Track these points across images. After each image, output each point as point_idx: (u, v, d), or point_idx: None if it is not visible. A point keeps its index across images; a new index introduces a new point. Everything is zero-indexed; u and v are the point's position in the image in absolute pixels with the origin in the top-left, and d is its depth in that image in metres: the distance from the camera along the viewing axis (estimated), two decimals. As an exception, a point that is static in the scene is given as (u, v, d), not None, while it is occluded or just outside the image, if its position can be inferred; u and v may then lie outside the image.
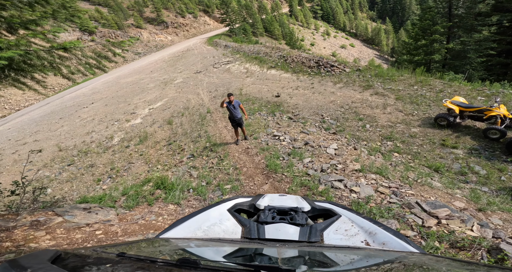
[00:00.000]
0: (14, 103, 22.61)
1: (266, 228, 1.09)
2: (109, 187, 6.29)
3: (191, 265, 0.56)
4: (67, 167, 8.38)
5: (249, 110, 8.84)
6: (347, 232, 1.08)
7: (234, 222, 1.19)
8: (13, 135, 13.08)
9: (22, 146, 11.26)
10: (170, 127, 9.39)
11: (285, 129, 6.69)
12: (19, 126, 14.53)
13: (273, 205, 1.32)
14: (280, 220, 1.14)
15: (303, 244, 0.98)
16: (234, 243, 0.98)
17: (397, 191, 3.30)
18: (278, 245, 0.94)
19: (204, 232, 1.13)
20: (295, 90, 10.23)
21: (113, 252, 0.70)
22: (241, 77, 14.25)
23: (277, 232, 1.05)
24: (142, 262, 0.60)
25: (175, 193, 4.04)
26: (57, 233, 2.31)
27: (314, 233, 1.05)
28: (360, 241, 1.03)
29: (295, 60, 13.80)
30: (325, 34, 62.46)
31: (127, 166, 7.46)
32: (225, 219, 1.21)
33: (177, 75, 18.96)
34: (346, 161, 4.28)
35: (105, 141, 9.86)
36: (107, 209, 3.32)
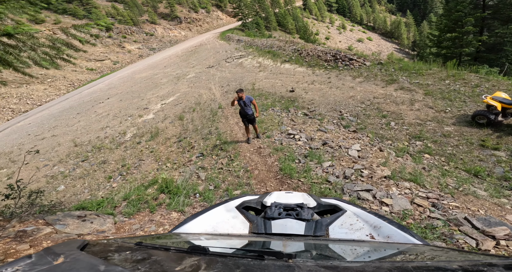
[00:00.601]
0: (36, 99, 23.59)
1: (272, 223, 1.12)
2: (119, 185, 6.18)
3: (201, 251, 0.60)
4: (81, 163, 8.44)
5: (261, 105, 8.42)
6: (352, 227, 1.10)
7: (242, 219, 1.23)
8: (32, 130, 13.53)
9: (41, 141, 11.58)
10: (181, 123, 9.19)
11: (300, 127, 6.22)
12: (39, 121, 15.04)
13: (280, 201, 1.34)
14: (287, 216, 1.16)
15: (308, 238, 1.01)
16: (242, 237, 1.02)
17: (438, 203, 2.79)
18: (284, 238, 0.98)
19: (214, 228, 1.17)
20: (310, 85, 9.65)
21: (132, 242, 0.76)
22: (253, 72, 13.79)
23: (283, 227, 1.08)
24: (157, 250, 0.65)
25: (179, 199, 3.75)
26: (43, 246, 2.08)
27: (320, 228, 1.07)
28: (365, 234, 1.04)
29: (310, 54, 13.12)
30: (341, 28, 60.22)
31: (137, 163, 7.35)
32: (233, 216, 1.25)
33: (189, 70, 18.81)
34: (372, 165, 3.78)
35: (118, 137, 9.87)
36: (104, 217, 3.08)
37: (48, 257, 0.54)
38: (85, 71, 36.19)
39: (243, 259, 0.57)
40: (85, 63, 38.64)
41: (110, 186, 6.44)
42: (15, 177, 8.64)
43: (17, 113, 20.63)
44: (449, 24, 16.35)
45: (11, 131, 14.46)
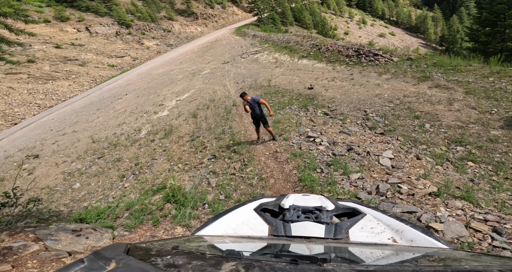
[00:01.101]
0: (61, 94, 24.71)
1: (292, 226, 1.12)
2: (130, 185, 6.06)
3: (236, 257, 0.61)
4: (97, 160, 8.50)
5: (278, 103, 7.95)
6: (373, 230, 1.07)
7: (261, 221, 1.23)
8: (55, 125, 14.06)
9: (62, 137, 11.95)
10: (194, 120, 8.97)
11: (321, 128, 5.70)
12: (61, 117, 15.63)
13: (298, 204, 1.33)
14: (305, 219, 1.15)
15: (329, 241, 1.00)
16: (263, 240, 1.03)
17: (500, 227, 2.24)
18: (305, 241, 0.98)
19: (234, 230, 1.18)
20: (331, 82, 8.99)
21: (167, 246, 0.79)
22: (269, 68, 13.26)
23: (303, 230, 1.08)
24: (194, 254, 0.67)
25: (185, 210, 3.43)
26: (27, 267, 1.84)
27: (340, 231, 1.06)
28: (387, 238, 1.01)
29: (330, 49, 12.34)
30: (361, 23, 57.63)
31: (150, 162, 7.23)
32: (252, 218, 1.26)
33: (205, 65, 18.63)
34: (410, 177, 3.23)
35: (133, 134, 9.88)
36: (102, 231, 2.84)
37: (99, 262, 0.57)
38: (107, 67, 37.46)
39: (278, 263, 0.56)
40: (106, 59, 40.01)
41: (122, 186, 6.35)
42: (35, 173, 8.93)
43: (43, 108, 21.72)
44: (489, 17, 14.79)
45: (35, 126, 15.16)
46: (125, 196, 5.43)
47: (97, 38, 44.78)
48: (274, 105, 7.78)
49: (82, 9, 44.64)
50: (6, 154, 11.26)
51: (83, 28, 45.22)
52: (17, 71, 27.25)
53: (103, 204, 5.59)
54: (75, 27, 44.40)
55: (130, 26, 47.88)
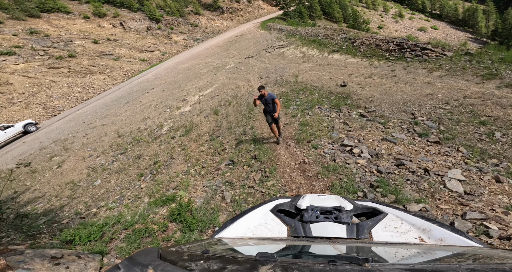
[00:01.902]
0: (96, 88, 26.24)
1: (312, 226, 1.09)
2: (147, 185, 5.82)
3: (270, 259, 0.59)
4: (120, 156, 8.54)
5: (306, 102, 7.15)
6: (397, 230, 1.03)
7: (278, 222, 1.21)
8: (87, 118, 14.76)
9: (92, 130, 12.42)
10: (215, 118, 8.55)
11: (358, 134, 4.85)
12: (93, 110, 16.43)
13: (315, 205, 1.29)
14: (324, 219, 1.12)
15: (352, 241, 0.96)
16: (283, 241, 1.00)
17: None
18: (328, 242, 0.93)
19: (252, 232, 1.17)
20: (368, 79, 7.90)
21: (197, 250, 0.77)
22: (296, 62, 12.34)
23: (324, 230, 1.05)
24: (226, 258, 0.64)
25: (191, 235, 2.92)
26: None
27: (362, 231, 1.03)
28: (414, 237, 0.96)
29: (365, 43, 11.02)
30: (397, 16, 52.92)
31: (168, 161, 6.98)
32: (269, 219, 1.24)
33: (229, 60, 18.21)
34: (495, 209, 2.33)
35: (155, 129, 9.81)
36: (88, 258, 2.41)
37: (136, 268, 0.56)
38: (138, 62, 39.13)
39: (315, 265, 0.55)
40: (138, 54, 41.79)
41: (139, 186, 6.19)
42: (64, 166, 9.26)
43: (80, 101, 23.24)
44: None
45: (70, 119, 16.14)
46: (139, 199, 5.19)
47: (130, 33, 46.93)
48: (301, 104, 7.02)
49: (117, 5, 46.89)
50: (41, 145, 12.02)
51: (117, 24, 47.67)
52: (59, 65, 29.54)
53: (117, 208, 5.44)
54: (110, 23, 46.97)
55: (160, 21, 49.35)
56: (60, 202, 6.97)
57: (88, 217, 5.49)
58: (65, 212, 6.30)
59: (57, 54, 30.91)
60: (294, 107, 6.91)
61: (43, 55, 30.36)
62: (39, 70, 27.53)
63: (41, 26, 35.92)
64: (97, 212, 5.64)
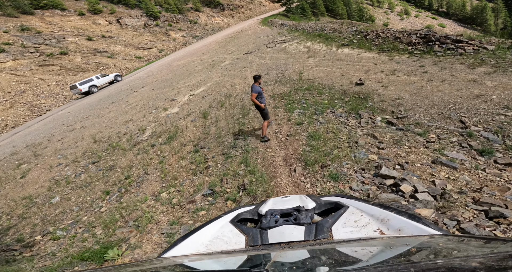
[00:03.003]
0: (87, 86, 24.84)
1: (269, 232, 1.04)
2: (109, 209, 4.44)
3: None
4: (90, 166, 7.18)
5: (314, 105, 5.71)
6: (357, 223, 0.99)
7: (237, 232, 1.13)
8: (68, 119, 13.38)
9: (69, 133, 11.04)
10: (203, 122, 7.13)
11: (394, 153, 3.41)
12: (77, 110, 15.05)
13: (276, 208, 1.23)
14: (284, 222, 1.07)
15: (309, 243, 0.93)
16: (236, 253, 0.95)
17: None
18: (282, 247, 0.91)
19: (207, 247, 1.08)
20: (390, 76, 6.43)
21: None
22: (300, 58, 10.88)
23: (281, 235, 1.00)
24: None
25: None
26: None
27: (321, 230, 0.99)
28: (373, 230, 0.93)
29: (381, 36, 9.56)
30: (403, 14, 51.40)
31: (141, 177, 5.59)
32: (227, 231, 1.16)
33: (226, 56, 16.76)
34: None
35: (136, 135, 8.41)
36: None
37: None
38: (134, 59, 37.73)
39: None
40: (134, 51, 40.39)
41: (99, 209, 4.82)
42: (28, 176, 7.88)
43: (69, 100, 21.87)
44: None
45: (51, 120, 14.77)
46: (93, 228, 3.81)
47: (127, 30, 45.57)
48: (308, 107, 5.58)
49: (114, 2, 45.49)
50: (13, 150, 10.67)
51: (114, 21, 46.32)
52: (50, 63, 28.20)
53: (64, 238, 4.12)
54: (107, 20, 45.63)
55: (158, 17, 47.94)
56: (9, 222, 5.69)
57: (22, 250, 4.16)
58: (8, 236, 5.03)
59: (48, 51, 29.58)
60: (300, 111, 5.47)
61: (33, 52, 29.03)
62: (28, 68, 26.21)
63: (34, 23, 34.60)
64: (37, 243, 4.33)
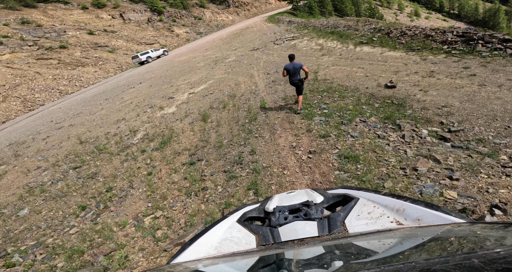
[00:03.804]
0: (85, 81, 23.92)
1: (280, 230, 0.98)
2: (80, 231, 3.45)
3: None
4: (71, 172, 6.22)
5: (337, 110, 4.68)
6: (371, 215, 0.93)
7: (246, 232, 1.07)
8: (58, 116, 12.42)
9: (56, 131, 10.07)
10: (202, 126, 6.12)
11: (475, 187, 2.38)
12: (68, 106, 14.09)
13: (283, 204, 1.16)
14: (294, 219, 1.01)
15: (325, 238, 0.87)
16: (249, 254, 0.90)
17: None
18: (297, 245, 0.85)
19: (217, 249, 1.03)
20: (428, 78, 5.38)
21: None
22: (313, 56, 9.83)
23: (293, 232, 0.94)
24: None
25: None
26: None
27: (334, 224, 0.92)
28: (390, 221, 0.87)
29: (408, 34, 8.50)
30: (413, 15, 50.19)
31: (125, 190, 4.61)
32: (236, 231, 1.10)
33: (230, 53, 15.72)
34: None
35: (126, 137, 7.42)
36: None
37: None
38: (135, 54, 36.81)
39: None
40: (136, 46, 39.45)
41: (69, 230, 3.85)
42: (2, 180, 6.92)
43: (64, 94, 20.93)
44: None
45: (41, 115, 13.82)
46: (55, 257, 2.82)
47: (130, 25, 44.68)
48: (331, 114, 4.56)
49: (117, -4, 44.56)
50: (-8, 149, 9.69)
51: (117, 15, 45.44)
52: (48, 56, 27.27)
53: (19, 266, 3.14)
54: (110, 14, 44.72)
55: (162, 13, 47.03)
56: None
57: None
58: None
59: (48, 45, 28.70)
60: (321, 119, 4.43)
61: (32, 46, 28.16)
62: (26, 61, 25.32)
63: (35, 16, 33.79)
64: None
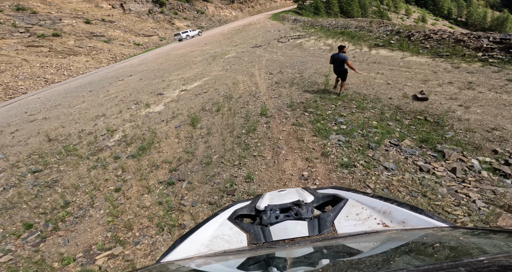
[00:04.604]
0: (74, 70, 22.52)
1: (271, 229, 0.98)
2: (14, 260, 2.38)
3: None
4: (29, 176, 5.19)
5: (358, 126, 3.71)
6: (359, 216, 0.96)
7: (237, 230, 1.06)
8: (34, 106, 11.19)
9: (27, 125, 8.90)
10: (190, 132, 5.09)
11: None
12: (48, 97, 12.84)
13: (274, 203, 1.16)
14: (285, 218, 1.01)
15: (315, 239, 0.89)
16: (240, 253, 0.91)
17: None
18: (288, 245, 0.87)
19: (208, 247, 1.02)
20: (467, 91, 4.45)
21: None
22: (322, 56, 8.88)
23: (284, 232, 0.95)
24: None
25: None
26: None
27: (324, 224, 0.95)
28: (376, 223, 0.90)
29: (433, 37, 7.63)
30: (419, 21, 49.82)
31: (83, 209, 3.62)
32: (227, 229, 1.09)
33: (231, 48, 14.66)
34: None
35: (102, 137, 6.35)
36: None
37: None
38: (132, 46, 35.30)
39: None
40: (133, 37, 37.96)
41: (2, 255, 2.79)
42: None
43: (50, 83, 19.54)
44: None
45: (17, 105, 12.55)
46: None
47: (129, 15, 43.15)
48: (351, 132, 3.58)
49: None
50: (-50, 141, 8.45)
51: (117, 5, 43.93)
52: (39, 44, 25.71)
53: None
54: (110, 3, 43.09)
55: (164, 4, 45.62)
56: None
57: None
58: None
59: (40, 32, 27.16)
60: (340, 139, 3.43)
61: (24, 33, 26.57)
62: (14, 48, 23.76)
63: (32, 3, 32.11)
64: None
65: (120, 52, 31.12)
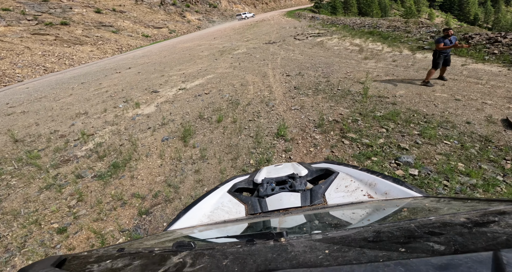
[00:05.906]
0: (76, 60, 21.50)
1: (267, 200, 1.06)
2: None
3: (187, 248, 0.56)
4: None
5: (437, 171, 2.26)
6: (348, 188, 1.04)
7: (236, 202, 1.14)
8: (19, 97, 10.05)
9: (3, 118, 7.73)
10: (178, 151, 3.74)
11: None
12: (36, 87, 11.71)
13: (271, 176, 1.25)
14: (280, 190, 1.09)
15: (306, 209, 0.97)
16: (239, 221, 0.97)
17: None
18: (282, 214, 0.94)
19: (209, 217, 1.10)
20: None
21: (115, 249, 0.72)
22: (351, 58, 7.39)
23: (279, 202, 1.03)
24: (141, 254, 0.61)
25: None
26: None
27: (315, 196, 1.02)
28: (363, 195, 0.99)
29: (503, 42, 6.17)
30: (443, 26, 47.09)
31: (9, 252, 2.23)
32: (226, 201, 1.18)
33: (241, 44, 13.26)
34: None
35: (74, 143, 5.10)
36: None
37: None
38: (140, 37, 34.29)
39: (231, 247, 0.53)
40: (142, 29, 36.95)
41: None
42: None
43: (49, 72, 18.52)
44: None
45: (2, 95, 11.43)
46: None
47: (141, 6, 42.19)
48: (426, 183, 2.11)
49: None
50: None
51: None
52: (46, 32, 24.84)
53: None
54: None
55: (177, -4, 44.47)
56: None
57: None
58: None
59: (48, 21, 26.34)
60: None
61: (31, 20, 25.80)
62: (19, 35, 22.95)
63: None
64: None
65: (127, 43, 30.08)
